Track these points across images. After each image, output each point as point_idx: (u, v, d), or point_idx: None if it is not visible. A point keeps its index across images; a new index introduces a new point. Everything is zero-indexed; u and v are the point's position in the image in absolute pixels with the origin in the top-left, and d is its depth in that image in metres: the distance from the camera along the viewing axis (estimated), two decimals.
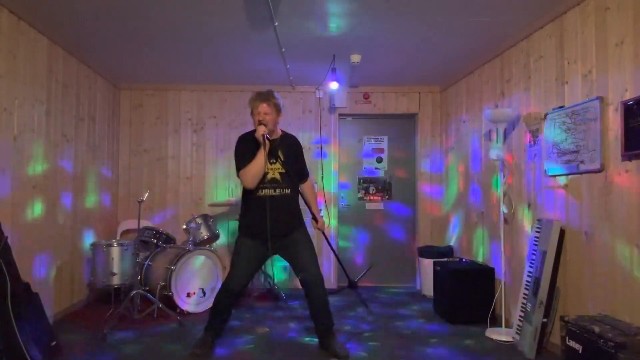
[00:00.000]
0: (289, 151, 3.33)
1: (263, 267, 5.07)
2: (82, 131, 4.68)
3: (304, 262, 3.30)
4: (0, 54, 3.33)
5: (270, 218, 3.18)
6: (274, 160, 3.24)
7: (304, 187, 3.48)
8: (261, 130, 3.13)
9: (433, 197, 5.83)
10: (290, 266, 3.42)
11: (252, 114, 3.26)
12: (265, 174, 3.20)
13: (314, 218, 3.40)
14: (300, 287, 3.46)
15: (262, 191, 3.23)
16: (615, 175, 2.85)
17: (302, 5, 3.41)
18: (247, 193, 3.29)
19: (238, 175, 3.24)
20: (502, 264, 3.92)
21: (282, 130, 3.42)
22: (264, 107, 3.19)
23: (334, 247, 5.65)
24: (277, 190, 3.24)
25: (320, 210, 5.56)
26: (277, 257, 3.47)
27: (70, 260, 4.43)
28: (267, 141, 3.13)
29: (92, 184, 4.91)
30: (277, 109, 3.26)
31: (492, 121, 3.93)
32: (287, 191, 3.27)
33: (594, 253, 3.04)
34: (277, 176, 3.25)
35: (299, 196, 3.38)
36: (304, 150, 3.55)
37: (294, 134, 3.54)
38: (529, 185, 3.80)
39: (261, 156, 3.12)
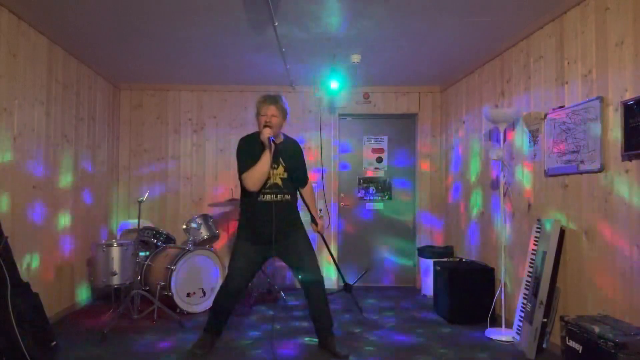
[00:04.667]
0: (290, 156, 3.30)
1: (263, 267, 5.07)
2: (82, 131, 4.69)
3: (304, 264, 3.28)
4: (0, 54, 3.33)
5: (271, 224, 3.15)
6: (276, 166, 3.20)
7: (304, 191, 3.45)
8: (267, 133, 3.08)
9: (433, 197, 5.83)
10: (290, 268, 3.41)
11: (257, 114, 3.20)
12: (267, 179, 3.16)
13: (314, 221, 3.39)
14: (300, 287, 3.45)
15: (264, 196, 3.18)
16: (615, 175, 2.85)
17: (302, 5, 3.41)
18: (247, 197, 3.24)
19: (240, 178, 3.18)
20: (502, 264, 3.92)
21: (283, 134, 3.39)
22: (272, 109, 3.15)
23: (334, 248, 5.66)
24: (279, 196, 3.20)
25: (320, 210, 5.59)
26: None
27: (71, 260, 4.43)
28: (272, 144, 3.10)
29: (92, 184, 4.91)
30: (284, 113, 3.23)
31: (492, 121, 3.93)
32: (288, 197, 3.24)
33: (594, 253, 3.04)
34: (279, 181, 3.21)
35: (298, 200, 3.37)
36: (304, 150, 3.54)
37: (294, 134, 3.54)
38: (529, 185, 3.80)
39: (266, 159, 3.08)
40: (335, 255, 5.75)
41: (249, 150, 3.18)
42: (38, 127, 3.86)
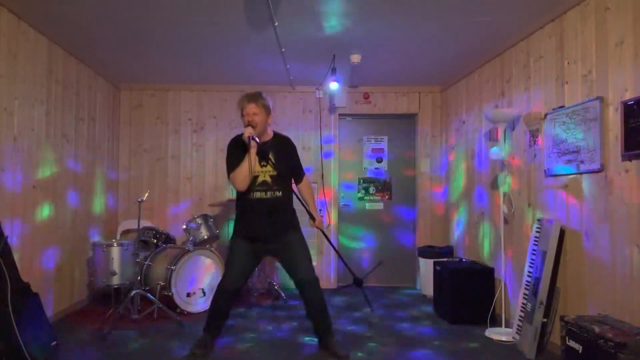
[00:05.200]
0: (280, 152, 3.30)
1: (261, 267, 5.07)
2: (82, 131, 4.68)
3: (298, 265, 3.27)
4: (0, 54, 3.33)
5: (263, 221, 3.19)
6: (265, 163, 3.21)
7: (301, 187, 3.47)
8: (247, 132, 3.11)
9: (433, 197, 5.83)
10: (285, 269, 3.39)
11: (241, 115, 3.24)
12: (256, 177, 3.19)
13: (311, 217, 3.40)
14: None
15: (253, 194, 3.21)
16: (615, 175, 2.85)
17: (302, 5, 3.41)
18: (240, 196, 3.29)
19: (229, 179, 3.25)
20: (502, 263, 3.92)
21: (274, 132, 3.39)
22: (252, 107, 3.17)
23: (334, 247, 5.66)
24: (269, 193, 3.22)
25: (321, 210, 5.59)
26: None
27: (71, 260, 4.43)
28: (253, 142, 3.11)
29: (92, 184, 4.91)
30: (267, 110, 3.23)
31: (492, 121, 3.94)
32: (279, 194, 3.24)
33: (594, 253, 3.04)
34: (268, 179, 3.22)
35: (295, 196, 3.37)
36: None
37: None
38: (529, 185, 3.80)
39: (247, 159, 3.11)
40: (335, 255, 5.76)
41: (235, 152, 3.22)
42: (38, 127, 3.86)
